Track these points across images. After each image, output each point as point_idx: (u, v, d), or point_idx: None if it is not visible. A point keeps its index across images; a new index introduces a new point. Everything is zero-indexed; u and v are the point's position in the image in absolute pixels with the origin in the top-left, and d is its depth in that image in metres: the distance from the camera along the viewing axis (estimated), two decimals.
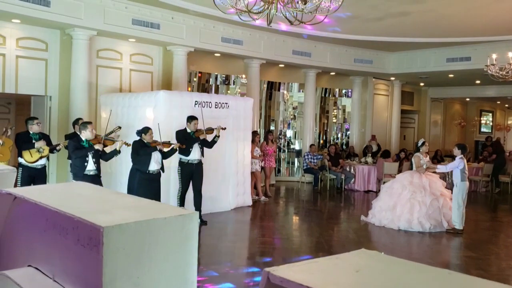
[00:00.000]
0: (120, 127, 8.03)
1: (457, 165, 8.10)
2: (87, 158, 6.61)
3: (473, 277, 1.43)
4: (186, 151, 7.88)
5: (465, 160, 8.24)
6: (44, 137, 7.24)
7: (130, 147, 7.15)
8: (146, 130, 7.33)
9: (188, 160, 7.96)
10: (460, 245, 7.75)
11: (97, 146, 6.67)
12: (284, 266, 1.32)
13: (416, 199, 8.22)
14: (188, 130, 7.99)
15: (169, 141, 7.63)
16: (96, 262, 1.72)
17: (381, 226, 8.42)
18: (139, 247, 1.79)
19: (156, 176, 7.37)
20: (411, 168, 8.81)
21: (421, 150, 8.67)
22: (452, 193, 8.22)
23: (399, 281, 1.31)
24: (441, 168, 8.57)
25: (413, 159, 8.74)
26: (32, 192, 2.42)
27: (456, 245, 7.71)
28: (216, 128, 8.17)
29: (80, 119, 8.22)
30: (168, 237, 1.87)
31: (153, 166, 7.28)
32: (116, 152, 6.98)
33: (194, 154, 7.98)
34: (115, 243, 1.71)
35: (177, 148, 7.60)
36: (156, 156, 7.31)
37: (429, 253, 7.35)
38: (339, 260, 1.40)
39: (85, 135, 6.70)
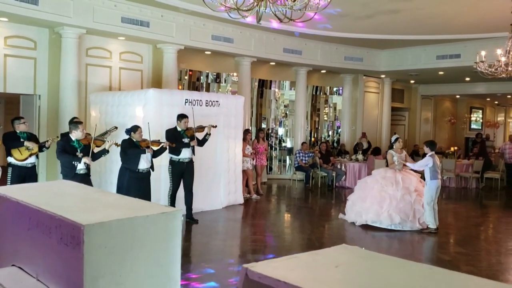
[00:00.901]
0: (116, 127, 7.99)
1: (426, 163, 7.95)
2: (77, 155, 6.57)
3: (454, 271, 1.44)
4: (176, 151, 7.85)
5: (436, 157, 8.07)
6: (32, 136, 7.17)
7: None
8: (135, 128, 7.29)
9: (179, 159, 7.94)
10: (449, 241, 7.80)
11: (85, 160, 6.57)
12: (263, 262, 1.32)
13: (387, 192, 8.12)
14: (179, 129, 7.96)
15: (159, 140, 7.60)
16: (78, 261, 1.71)
17: (350, 222, 8.41)
18: (121, 245, 1.78)
19: (146, 175, 7.34)
20: (386, 165, 8.66)
21: (394, 147, 8.52)
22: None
23: (378, 276, 1.31)
24: (409, 165, 8.38)
25: (387, 156, 8.60)
26: (15, 191, 2.40)
27: (445, 241, 7.75)
28: (207, 126, 8.15)
29: (75, 118, 8.17)
30: (151, 235, 1.86)
31: (143, 165, 7.26)
32: (104, 152, 6.93)
33: (185, 152, 7.96)
34: (97, 241, 1.70)
35: (167, 147, 7.57)
36: (145, 155, 7.28)
37: (419, 250, 7.39)
38: (319, 256, 1.40)
39: (76, 135, 6.65)
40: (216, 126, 8.40)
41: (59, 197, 2.35)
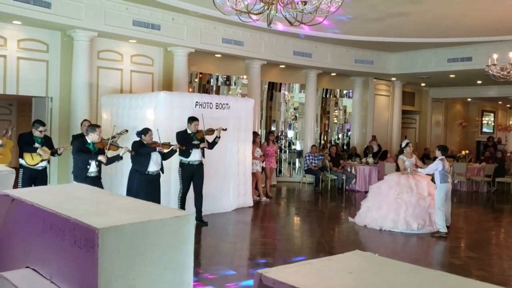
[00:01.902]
0: (127, 130, 8.03)
1: (436, 167, 8.00)
2: (89, 161, 6.61)
3: (466, 278, 1.43)
4: (186, 153, 7.88)
5: (446, 161, 8.13)
6: (46, 139, 7.24)
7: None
8: (145, 131, 7.33)
9: (189, 161, 7.97)
10: (461, 245, 7.74)
11: (101, 158, 6.63)
12: (277, 268, 1.32)
13: (402, 199, 8.19)
14: (189, 131, 7.99)
15: (169, 142, 7.64)
16: (92, 264, 1.72)
17: (363, 226, 8.43)
18: (134, 248, 1.79)
19: (156, 177, 7.37)
20: (398, 170, 8.73)
21: (404, 152, 8.59)
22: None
23: (392, 283, 1.31)
24: (420, 171, 8.46)
25: (398, 162, 8.67)
26: (29, 194, 2.43)
27: (456, 246, 7.69)
28: (217, 129, 8.17)
29: (86, 120, 8.30)
30: (164, 239, 1.87)
31: (152, 167, 7.29)
32: (118, 158, 6.94)
33: (195, 155, 7.99)
34: (111, 244, 1.71)
35: (177, 149, 7.60)
36: (155, 157, 7.31)
37: (430, 254, 7.34)
38: (332, 262, 1.40)
39: (92, 137, 6.68)
40: (226, 129, 8.42)
41: (72, 200, 2.37)
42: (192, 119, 8.00)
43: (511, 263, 6.77)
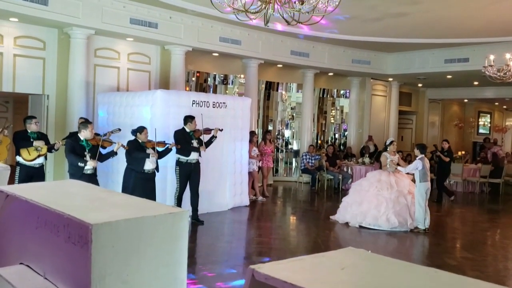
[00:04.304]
0: (120, 129, 8.02)
1: (416, 167, 8.17)
2: (84, 158, 6.60)
3: (461, 276, 1.43)
4: (186, 151, 7.89)
5: (426, 160, 8.32)
6: (42, 136, 7.22)
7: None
8: (141, 129, 7.33)
9: (187, 160, 7.97)
10: (456, 246, 7.76)
11: (92, 164, 6.60)
12: (269, 264, 1.32)
13: (383, 196, 8.33)
14: (188, 130, 7.99)
15: (164, 141, 7.63)
16: (85, 260, 1.72)
17: (344, 223, 8.56)
18: (128, 245, 1.79)
19: (151, 176, 7.37)
20: (381, 167, 8.93)
21: (388, 150, 8.79)
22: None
23: (384, 279, 1.32)
24: (401, 169, 8.61)
25: (381, 159, 8.87)
26: (24, 190, 2.42)
27: (452, 246, 7.72)
28: (213, 129, 8.18)
29: (82, 118, 8.28)
30: (158, 235, 1.87)
31: (148, 166, 7.29)
32: (112, 154, 6.96)
33: (193, 154, 8.00)
34: (104, 240, 1.71)
35: (172, 148, 7.60)
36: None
37: (425, 253, 7.36)
38: (325, 258, 1.40)
39: (85, 134, 6.68)
40: (222, 130, 8.42)
41: (67, 196, 2.37)
42: (190, 118, 8.01)
43: (506, 263, 6.80)
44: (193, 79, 12.30)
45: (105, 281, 1.73)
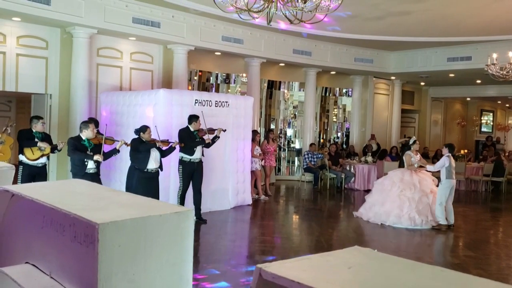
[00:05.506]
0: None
1: (443, 164, 8.27)
2: (88, 153, 6.63)
3: (466, 274, 1.44)
4: (190, 150, 7.90)
5: (452, 159, 8.40)
6: (46, 136, 7.24)
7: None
8: (144, 128, 7.34)
9: (190, 159, 7.98)
10: (459, 244, 7.76)
11: (97, 157, 6.63)
12: (276, 263, 1.33)
13: (405, 195, 8.40)
14: (192, 129, 8.01)
15: (167, 140, 7.65)
16: (92, 259, 1.72)
17: (366, 220, 8.68)
18: (134, 244, 1.80)
19: (155, 175, 7.38)
20: (402, 166, 8.98)
21: (412, 148, 8.84)
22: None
23: (390, 278, 1.32)
24: (429, 168, 8.70)
25: (404, 157, 8.92)
26: (29, 189, 2.43)
27: (455, 244, 7.71)
28: (217, 129, 8.20)
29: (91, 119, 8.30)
30: (164, 234, 1.88)
31: (152, 165, 7.29)
32: (115, 152, 6.98)
33: (197, 153, 8.01)
34: (111, 240, 1.72)
35: (175, 147, 7.62)
36: (154, 155, 7.32)
37: (428, 252, 7.36)
38: (332, 257, 1.41)
39: (86, 134, 6.70)
40: (225, 130, 8.42)
41: (72, 195, 2.38)
42: (195, 117, 8.02)
43: (509, 262, 6.79)
44: (196, 78, 12.30)
45: (111, 280, 1.74)
